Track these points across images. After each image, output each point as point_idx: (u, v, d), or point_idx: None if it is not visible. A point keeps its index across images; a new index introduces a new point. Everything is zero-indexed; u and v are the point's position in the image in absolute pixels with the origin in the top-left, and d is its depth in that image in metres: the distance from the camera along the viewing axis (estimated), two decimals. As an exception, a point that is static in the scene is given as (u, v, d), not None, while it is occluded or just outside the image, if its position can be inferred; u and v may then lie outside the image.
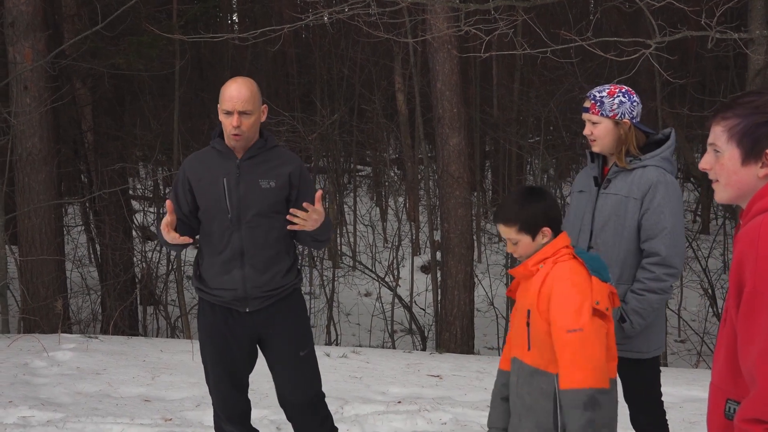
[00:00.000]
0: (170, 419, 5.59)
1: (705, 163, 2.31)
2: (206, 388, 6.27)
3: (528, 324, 3.33)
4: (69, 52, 10.40)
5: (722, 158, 2.26)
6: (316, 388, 4.19)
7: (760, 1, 8.21)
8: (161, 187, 17.12)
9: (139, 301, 12.51)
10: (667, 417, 4.09)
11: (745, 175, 2.22)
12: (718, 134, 2.27)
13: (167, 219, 3.80)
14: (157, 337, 11.87)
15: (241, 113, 3.88)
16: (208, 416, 5.68)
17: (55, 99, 9.66)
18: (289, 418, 4.25)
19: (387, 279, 12.43)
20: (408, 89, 13.19)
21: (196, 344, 7.89)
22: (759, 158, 2.20)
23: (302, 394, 4.12)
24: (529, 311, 3.32)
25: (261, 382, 5.53)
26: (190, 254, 15.01)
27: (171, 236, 3.79)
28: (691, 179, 15.00)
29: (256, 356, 4.19)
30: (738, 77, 12.69)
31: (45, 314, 9.32)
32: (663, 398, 4.12)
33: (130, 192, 15.10)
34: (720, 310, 11.69)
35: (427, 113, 12.33)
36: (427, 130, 12.94)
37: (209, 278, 4.03)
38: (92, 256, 13.00)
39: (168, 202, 3.84)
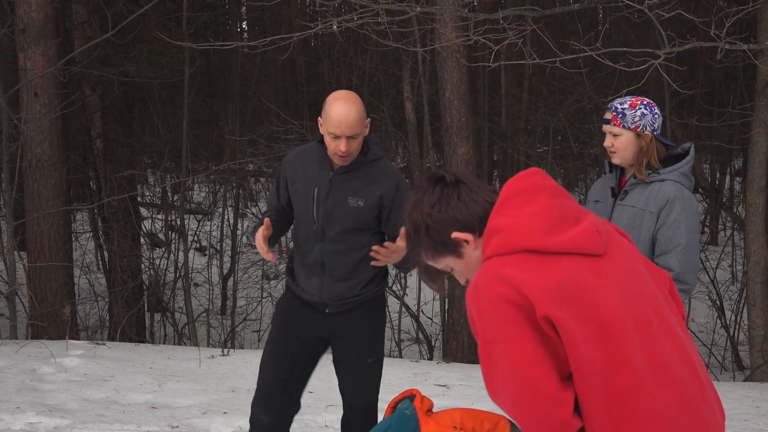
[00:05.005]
0: (177, 426, 5.59)
1: (460, 279, 2.48)
2: (213, 396, 6.29)
3: None
4: (79, 59, 10.44)
5: (455, 268, 2.43)
6: (372, 398, 4.08)
7: (770, 12, 8.21)
8: (169, 194, 17.16)
9: (146, 308, 12.53)
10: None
11: (470, 260, 2.38)
12: (435, 262, 2.44)
13: (264, 233, 3.75)
14: (164, 344, 11.89)
15: (349, 138, 3.67)
16: (215, 423, 5.67)
17: (64, 106, 9.70)
18: (343, 422, 4.15)
19: (394, 288, 12.42)
20: (416, 98, 13.17)
21: (204, 351, 7.94)
22: (457, 243, 2.36)
23: (361, 399, 4.03)
24: None
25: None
26: (197, 261, 15.02)
27: (262, 249, 3.75)
28: (699, 190, 14.97)
29: (318, 359, 4.10)
30: (747, 88, 12.65)
31: (53, 320, 9.34)
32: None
33: (139, 199, 15.13)
34: (728, 322, 11.64)
35: (435, 122, 12.32)
36: (436, 139, 12.93)
37: (297, 275, 3.99)
38: (100, 262, 13.02)
39: (267, 220, 3.77)
